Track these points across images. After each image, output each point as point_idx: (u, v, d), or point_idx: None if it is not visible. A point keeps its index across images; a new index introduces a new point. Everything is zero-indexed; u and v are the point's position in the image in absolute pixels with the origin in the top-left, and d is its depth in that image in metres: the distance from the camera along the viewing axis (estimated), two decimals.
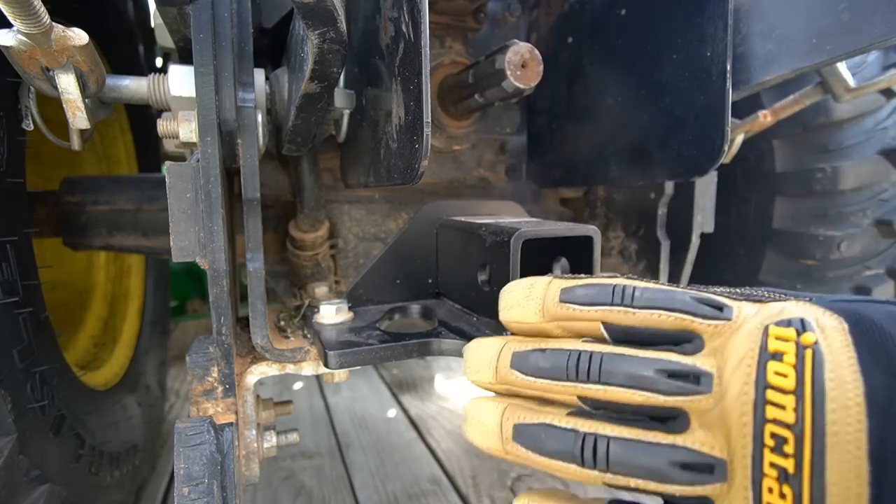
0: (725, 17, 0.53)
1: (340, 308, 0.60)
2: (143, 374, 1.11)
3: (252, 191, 0.53)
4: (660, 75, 0.62)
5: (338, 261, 0.82)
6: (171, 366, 1.61)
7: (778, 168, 1.00)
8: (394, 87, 0.47)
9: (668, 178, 0.65)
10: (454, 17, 0.78)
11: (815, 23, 0.59)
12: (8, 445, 0.53)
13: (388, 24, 0.47)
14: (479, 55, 0.74)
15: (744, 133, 0.82)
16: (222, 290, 0.48)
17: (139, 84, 0.53)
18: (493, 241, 0.53)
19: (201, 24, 0.46)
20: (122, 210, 0.94)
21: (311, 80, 0.44)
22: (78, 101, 0.46)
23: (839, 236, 0.97)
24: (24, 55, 0.42)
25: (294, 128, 0.55)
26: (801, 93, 0.80)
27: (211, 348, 0.52)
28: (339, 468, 1.18)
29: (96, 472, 0.74)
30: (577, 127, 0.79)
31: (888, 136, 0.94)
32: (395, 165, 0.49)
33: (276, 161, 0.80)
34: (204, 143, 0.46)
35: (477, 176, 0.88)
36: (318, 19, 0.36)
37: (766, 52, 0.64)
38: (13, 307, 0.58)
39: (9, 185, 0.60)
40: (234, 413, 0.52)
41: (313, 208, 0.73)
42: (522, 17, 0.87)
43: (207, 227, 0.47)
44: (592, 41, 0.74)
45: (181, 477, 0.41)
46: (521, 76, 0.58)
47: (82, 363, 0.95)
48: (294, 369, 0.57)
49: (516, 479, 1.12)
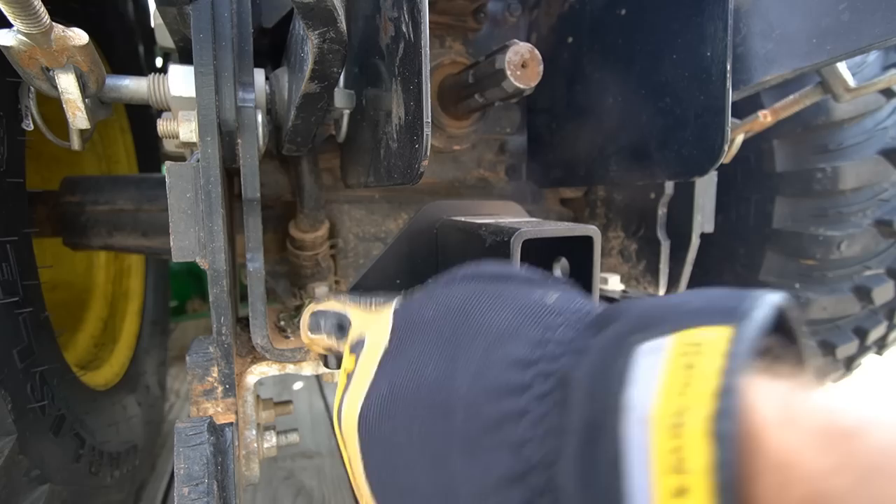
0: (725, 17, 0.53)
1: None
2: (143, 374, 1.11)
3: (252, 191, 0.53)
4: (660, 75, 0.62)
5: (338, 261, 0.82)
6: (171, 366, 1.61)
7: (778, 168, 1.00)
8: (394, 87, 0.47)
9: (668, 177, 0.65)
10: (454, 17, 0.78)
11: (815, 23, 0.59)
12: (8, 445, 0.53)
13: (388, 24, 0.47)
14: (479, 55, 0.74)
15: (744, 133, 0.82)
16: (222, 290, 0.48)
17: (139, 84, 0.53)
18: (493, 241, 0.53)
19: (201, 24, 0.46)
20: (122, 210, 0.94)
21: (311, 80, 0.44)
22: (78, 101, 0.46)
23: (839, 236, 0.97)
24: (24, 55, 0.42)
25: (294, 128, 0.55)
26: (801, 93, 0.80)
27: (211, 348, 0.52)
28: (339, 468, 1.18)
29: (96, 472, 0.74)
30: (577, 127, 0.79)
31: (888, 136, 0.94)
32: (395, 165, 0.49)
33: (276, 161, 0.80)
34: (204, 143, 0.46)
35: (477, 176, 0.88)
36: (318, 19, 0.36)
37: (766, 52, 0.64)
38: (13, 307, 0.58)
39: (9, 185, 0.60)
40: (234, 413, 0.52)
41: (313, 208, 0.73)
42: (522, 17, 0.87)
43: (207, 227, 0.47)
44: (592, 41, 0.74)
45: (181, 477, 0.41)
46: (521, 76, 0.58)
47: (82, 363, 0.95)
48: (294, 369, 0.57)
49: None
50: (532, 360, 0.27)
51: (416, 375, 0.31)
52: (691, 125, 0.59)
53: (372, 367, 0.34)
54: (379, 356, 0.35)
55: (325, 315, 0.44)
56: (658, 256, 0.82)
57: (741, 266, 1.10)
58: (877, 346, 1.14)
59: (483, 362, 0.28)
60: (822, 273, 1.01)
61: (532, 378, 0.26)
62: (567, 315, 0.29)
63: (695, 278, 0.84)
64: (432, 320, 0.33)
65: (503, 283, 0.34)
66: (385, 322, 0.36)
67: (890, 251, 1.01)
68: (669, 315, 0.23)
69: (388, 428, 0.31)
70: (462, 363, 0.29)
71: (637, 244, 0.87)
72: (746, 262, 1.09)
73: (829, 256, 0.99)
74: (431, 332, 0.32)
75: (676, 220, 0.82)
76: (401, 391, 0.31)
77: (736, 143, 0.81)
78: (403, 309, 0.37)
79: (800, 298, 1.03)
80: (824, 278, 1.02)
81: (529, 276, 0.35)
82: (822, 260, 1.00)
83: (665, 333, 0.22)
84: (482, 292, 0.33)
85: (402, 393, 0.31)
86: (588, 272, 0.54)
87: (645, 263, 0.85)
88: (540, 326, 0.28)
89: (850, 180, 0.94)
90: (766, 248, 1.04)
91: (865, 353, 1.15)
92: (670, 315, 0.23)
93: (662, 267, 0.82)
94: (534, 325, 0.29)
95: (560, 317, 0.29)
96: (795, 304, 0.24)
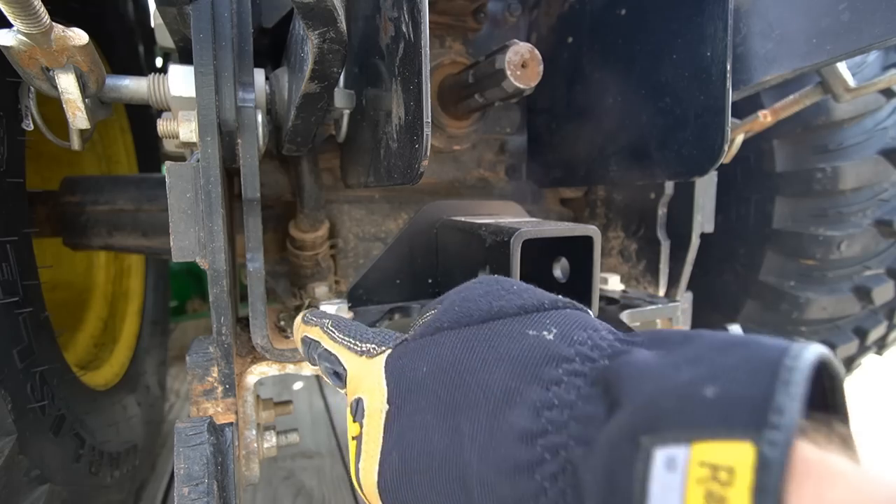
0: (725, 17, 0.53)
1: (340, 308, 0.60)
2: (143, 374, 1.11)
3: (252, 191, 0.53)
4: (660, 75, 0.62)
5: (338, 261, 0.82)
6: (171, 366, 1.61)
7: (778, 168, 1.00)
8: (394, 87, 0.47)
9: (668, 177, 0.65)
10: (454, 17, 0.78)
11: (815, 23, 0.59)
12: (8, 445, 0.53)
13: (388, 24, 0.47)
14: (479, 55, 0.74)
15: (744, 133, 0.82)
16: (222, 290, 0.48)
17: (139, 84, 0.53)
18: (493, 241, 0.53)
19: (201, 24, 0.46)
20: (122, 210, 0.94)
21: (311, 80, 0.44)
22: (78, 101, 0.46)
23: (839, 236, 0.97)
24: (24, 55, 0.42)
25: (294, 128, 0.55)
26: (801, 93, 0.80)
27: (211, 348, 0.52)
28: (339, 468, 1.18)
29: (96, 472, 0.74)
30: (577, 127, 0.79)
31: (888, 136, 0.94)
32: (396, 165, 0.49)
33: (276, 161, 0.80)
34: (204, 143, 0.46)
35: (477, 176, 0.89)
36: (318, 19, 0.36)
37: (766, 52, 0.64)
38: (13, 307, 0.58)
39: (9, 185, 0.60)
40: (234, 413, 0.52)
41: (313, 208, 0.73)
42: (522, 17, 0.87)
43: (207, 227, 0.47)
44: (592, 41, 0.74)
45: (181, 477, 0.41)
46: (521, 76, 0.58)
47: (82, 363, 0.95)
48: (294, 369, 0.57)
49: None
50: (536, 431, 0.26)
51: (425, 445, 0.31)
52: (691, 125, 0.59)
53: (377, 433, 0.34)
54: (382, 421, 0.34)
55: (315, 348, 0.43)
56: (658, 256, 0.82)
57: (741, 266, 1.10)
58: (877, 346, 1.14)
59: (489, 435, 0.27)
60: (822, 273, 1.01)
61: (541, 454, 0.25)
62: (568, 364, 0.28)
63: (695, 278, 0.84)
64: (427, 382, 0.32)
65: (494, 325, 0.32)
66: (378, 378, 0.36)
67: (890, 251, 1.02)
68: (684, 409, 0.21)
69: (409, 496, 0.31)
70: (467, 434, 0.28)
71: (637, 244, 0.87)
72: (746, 262, 1.09)
73: (829, 256, 0.99)
74: (429, 394, 0.32)
75: (676, 220, 0.82)
76: (413, 463, 0.31)
77: (736, 143, 0.81)
78: (395, 366, 0.35)
79: (798, 298, 1.03)
80: (824, 278, 1.02)
81: (522, 304, 0.33)
82: (822, 260, 1.00)
83: (680, 442, 0.20)
84: (474, 344, 0.31)
85: (415, 465, 0.31)
86: (588, 272, 0.54)
87: (645, 263, 0.85)
88: (540, 385, 0.27)
89: (850, 180, 0.94)
90: (766, 248, 1.04)
91: (865, 353, 1.15)
92: (685, 409, 0.21)
93: (662, 267, 0.82)
94: (533, 383, 0.28)
95: (559, 367, 0.28)
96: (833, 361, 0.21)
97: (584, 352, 0.28)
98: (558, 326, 0.30)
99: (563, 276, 0.60)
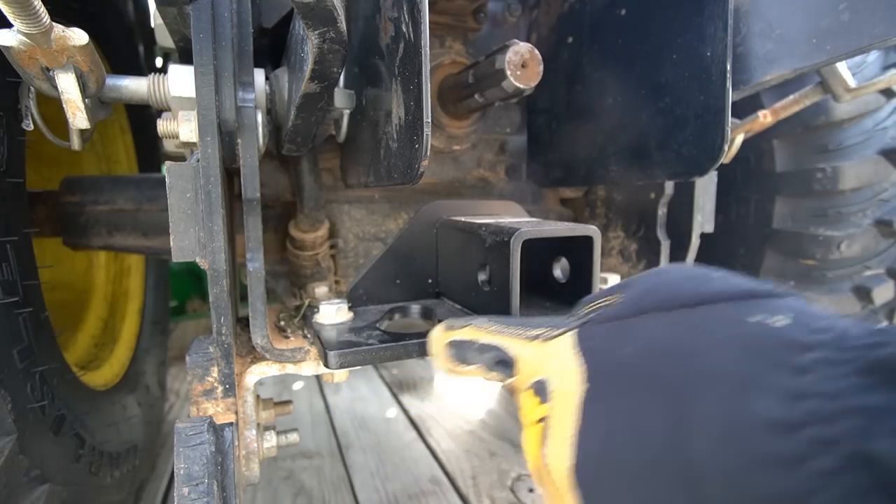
0: (725, 17, 0.53)
1: (340, 308, 0.60)
2: (143, 374, 1.11)
3: (252, 191, 0.53)
4: (660, 75, 0.62)
5: (338, 261, 0.82)
6: (171, 366, 1.61)
7: (778, 168, 1.00)
8: (394, 87, 0.47)
9: (668, 177, 0.65)
10: (454, 17, 0.78)
11: (815, 23, 0.59)
12: (8, 445, 0.53)
13: (388, 24, 0.47)
14: (479, 55, 0.74)
15: (744, 133, 0.82)
16: (222, 290, 0.48)
17: (139, 84, 0.53)
18: (493, 241, 0.53)
19: (201, 24, 0.46)
20: (122, 210, 0.94)
21: (311, 80, 0.44)
22: (78, 101, 0.46)
23: (839, 236, 0.97)
24: (24, 55, 0.42)
25: (294, 128, 0.55)
26: (801, 93, 0.80)
27: (211, 348, 0.52)
28: (339, 468, 1.18)
29: (96, 472, 0.74)
30: (576, 127, 0.79)
31: (888, 136, 0.94)
32: (395, 165, 0.49)
33: (276, 161, 0.80)
34: (204, 143, 0.46)
35: (477, 176, 0.89)
36: (318, 19, 0.36)
37: (766, 52, 0.64)
38: (13, 307, 0.58)
39: (9, 185, 0.60)
40: (234, 413, 0.52)
41: (313, 208, 0.73)
42: (522, 17, 0.87)
43: (207, 227, 0.47)
44: (592, 41, 0.74)
45: (181, 477, 0.41)
46: (521, 76, 0.58)
47: (82, 363, 0.95)
48: (294, 369, 0.57)
49: (516, 479, 1.12)
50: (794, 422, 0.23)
51: (637, 432, 0.28)
52: (691, 125, 0.59)
53: (570, 415, 0.32)
54: (576, 403, 0.32)
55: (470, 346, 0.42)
56: (658, 256, 0.82)
57: (741, 266, 1.10)
58: None
59: (727, 422, 0.24)
60: (822, 273, 1.01)
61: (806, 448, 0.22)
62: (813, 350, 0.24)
63: None
64: (637, 364, 0.30)
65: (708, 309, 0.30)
66: (567, 360, 0.34)
67: (890, 251, 1.01)
68: None
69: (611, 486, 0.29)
70: (697, 420, 0.25)
71: (637, 244, 0.87)
72: (746, 262, 1.09)
73: (829, 256, 0.99)
74: (641, 378, 0.29)
75: (676, 220, 0.82)
76: (620, 449, 0.28)
77: (736, 143, 0.81)
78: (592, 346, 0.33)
79: None
80: (824, 278, 1.02)
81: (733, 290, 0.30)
82: (822, 260, 1.00)
83: None
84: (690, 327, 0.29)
85: (623, 452, 0.28)
86: (588, 272, 0.54)
87: (645, 263, 0.85)
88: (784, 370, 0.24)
89: (850, 180, 0.94)
90: (766, 248, 1.04)
91: None
92: None
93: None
94: (774, 367, 0.24)
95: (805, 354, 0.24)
96: None
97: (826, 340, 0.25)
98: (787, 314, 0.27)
99: (563, 276, 0.60)
